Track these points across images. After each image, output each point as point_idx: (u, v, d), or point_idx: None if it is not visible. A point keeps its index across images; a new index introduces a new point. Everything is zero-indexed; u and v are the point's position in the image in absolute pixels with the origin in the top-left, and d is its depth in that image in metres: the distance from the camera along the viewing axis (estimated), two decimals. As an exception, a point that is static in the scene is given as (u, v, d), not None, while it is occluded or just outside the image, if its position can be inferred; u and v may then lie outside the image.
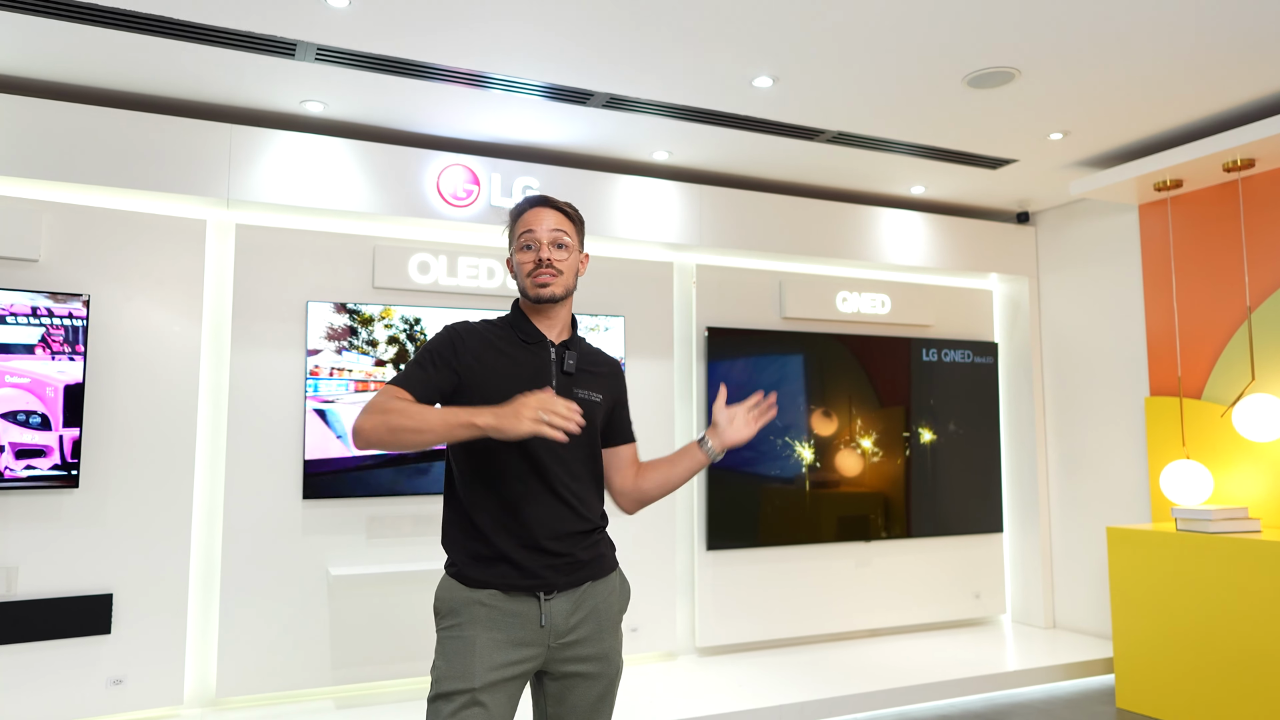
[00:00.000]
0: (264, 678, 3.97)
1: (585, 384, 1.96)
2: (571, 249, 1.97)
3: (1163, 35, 3.37)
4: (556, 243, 1.94)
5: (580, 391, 1.94)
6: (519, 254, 1.96)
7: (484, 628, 1.80)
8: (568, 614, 1.86)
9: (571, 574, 1.88)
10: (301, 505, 4.09)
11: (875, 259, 5.33)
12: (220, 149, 3.94)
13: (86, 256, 3.81)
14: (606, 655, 1.91)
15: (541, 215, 1.96)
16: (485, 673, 1.77)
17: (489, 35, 3.34)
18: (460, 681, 1.76)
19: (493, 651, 1.79)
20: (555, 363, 1.94)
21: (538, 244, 1.93)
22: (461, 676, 1.76)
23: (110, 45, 3.39)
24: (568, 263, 1.96)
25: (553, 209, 1.98)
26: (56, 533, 3.67)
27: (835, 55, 3.52)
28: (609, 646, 1.92)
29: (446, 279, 4.43)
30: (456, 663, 1.78)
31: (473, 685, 1.76)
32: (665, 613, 4.76)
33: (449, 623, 1.84)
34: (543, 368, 1.93)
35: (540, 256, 1.92)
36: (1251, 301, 4.39)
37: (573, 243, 1.98)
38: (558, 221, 1.96)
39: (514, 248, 1.99)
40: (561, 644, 1.85)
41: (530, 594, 1.83)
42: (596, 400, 1.97)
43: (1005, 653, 4.98)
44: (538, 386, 1.84)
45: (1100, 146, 4.60)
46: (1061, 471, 5.57)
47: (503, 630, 1.81)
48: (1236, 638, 3.83)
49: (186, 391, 3.94)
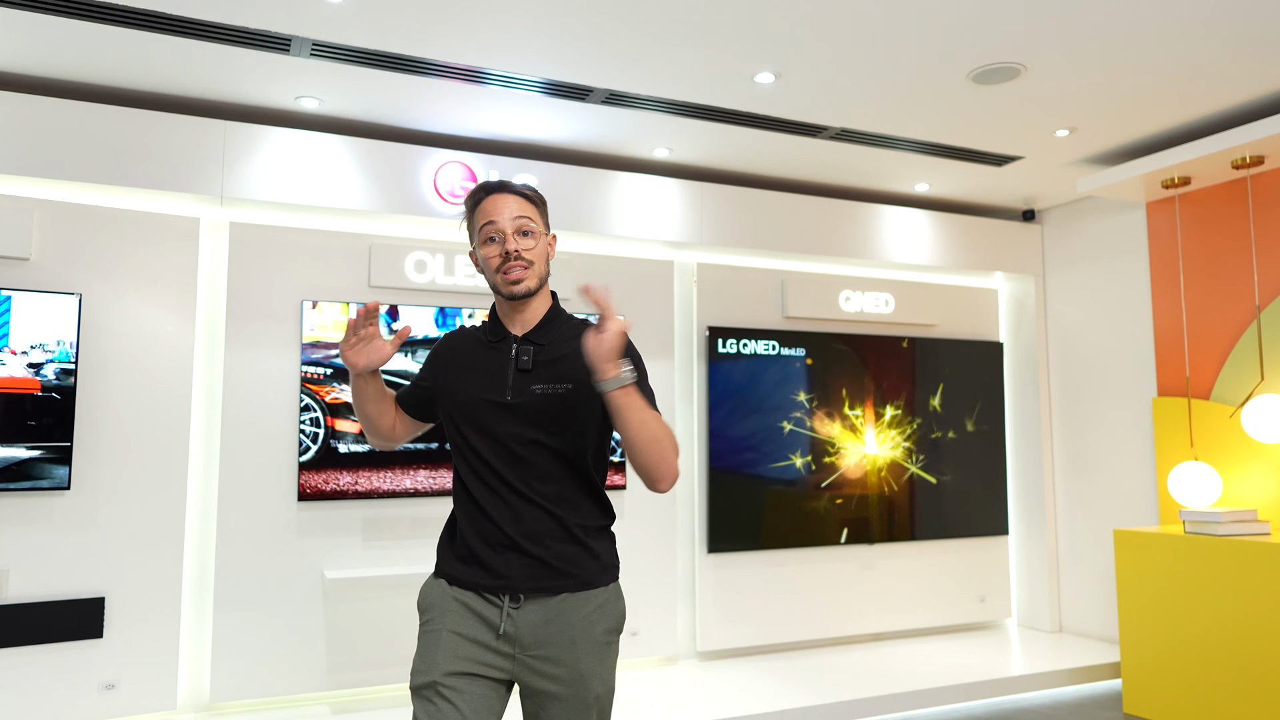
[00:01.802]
0: (258, 683, 3.95)
1: (547, 377, 1.84)
2: (538, 234, 1.88)
3: (1171, 30, 3.36)
4: (521, 230, 1.85)
5: (539, 386, 1.82)
6: (483, 247, 1.87)
7: (452, 622, 1.80)
8: (536, 626, 1.78)
9: (544, 580, 1.79)
10: (296, 507, 4.07)
11: (879, 257, 5.32)
12: (214, 146, 3.92)
13: (78, 255, 3.80)
14: (581, 677, 1.78)
15: (501, 203, 1.86)
16: (447, 663, 1.76)
17: (486, 30, 3.33)
18: (425, 675, 1.77)
19: (458, 644, 1.78)
20: (512, 360, 1.86)
21: (502, 235, 1.84)
22: (426, 670, 1.77)
23: (102, 40, 3.37)
24: (536, 250, 1.87)
25: (511, 194, 1.87)
26: (48, 535, 3.66)
27: (838, 51, 3.51)
28: (586, 669, 1.79)
29: (444, 278, 4.42)
30: (425, 656, 1.80)
31: (433, 677, 1.75)
32: (666, 616, 4.75)
33: (426, 617, 1.86)
34: (500, 367, 1.87)
35: (507, 249, 1.83)
36: (1261, 300, 4.39)
37: (538, 227, 1.88)
38: (519, 207, 1.86)
39: (476, 241, 1.90)
40: (529, 656, 1.79)
41: (497, 595, 1.80)
42: (562, 391, 1.82)
43: (1010, 657, 4.99)
44: (494, 387, 1.84)
45: (1107, 143, 4.60)
46: (1068, 473, 5.56)
47: (469, 628, 1.80)
48: (1246, 642, 3.82)
49: (180, 392, 3.93)
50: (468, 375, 1.88)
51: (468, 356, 1.91)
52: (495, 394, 1.83)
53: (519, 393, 1.82)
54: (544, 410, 1.81)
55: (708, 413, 4.88)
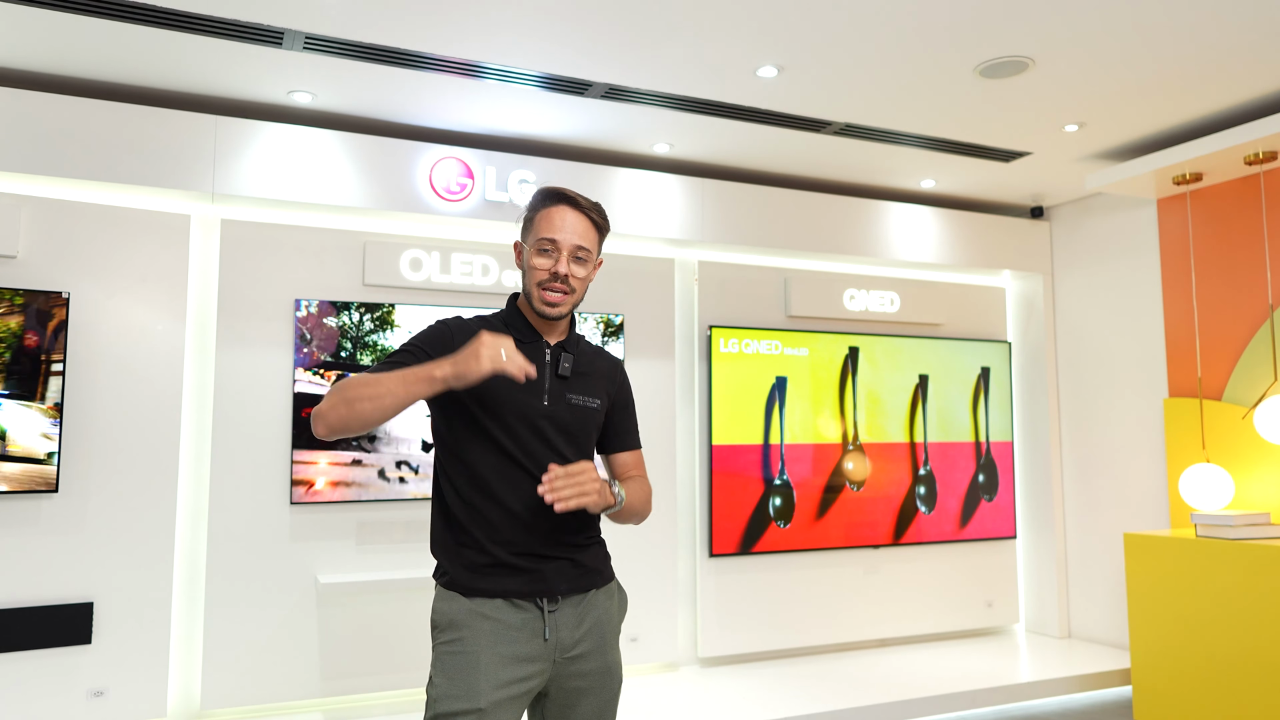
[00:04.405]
0: (250, 689, 3.97)
1: (580, 389, 1.90)
2: (589, 261, 1.90)
3: (1182, 23, 3.36)
4: (576, 256, 1.86)
5: (574, 397, 1.89)
6: (535, 256, 1.86)
7: (488, 642, 1.74)
8: (573, 626, 1.82)
9: (575, 580, 1.84)
10: (289, 510, 4.07)
11: (884, 255, 5.33)
12: (205, 141, 3.93)
13: (66, 252, 3.80)
14: (609, 669, 1.87)
15: (568, 220, 1.85)
16: (491, 691, 1.70)
17: (483, 23, 3.34)
18: (464, 701, 1.69)
19: (499, 668, 1.73)
20: (550, 364, 1.88)
21: (557, 254, 1.84)
22: (466, 695, 1.69)
23: (91, 34, 3.38)
24: (583, 278, 1.89)
25: (582, 215, 1.87)
26: (34, 538, 3.67)
27: (842, 44, 3.53)
28: (612, 660, 1.89)
29: (440, 276, 4.42)
30: (460, 680, 1.71)
31: (478, 705, 1.68)
32: (666, 622, 4.76)
33: (449, 636, 1.77)
34: (537, 369, 1.85)
35: (557, 270, 1.84)
36: (1274, 299, 4.40)
37: (592, 254, 1.89)
38: (583, 231, 1.87)
39: (530, 243, 1.89)
40: (567, 659, 1.81)
41: (533, 601, 1.78)
42: (593, 406, 1.92)
43: (1018, 663, 5.01)
44: (531, 389, 1.82)
45: (1117, 139, 4.62)
46: (1077, 475, 5.59)
47: (508, 645, 1.75)
48: (1259, 649, 3.83)
49: (170, 392, 3.93)
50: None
51: None
52: (534, 395, 1.83)
53: (555, 399, 1.86)
54: (573, 419, 1.87)
55: (709, 414, 4.88)
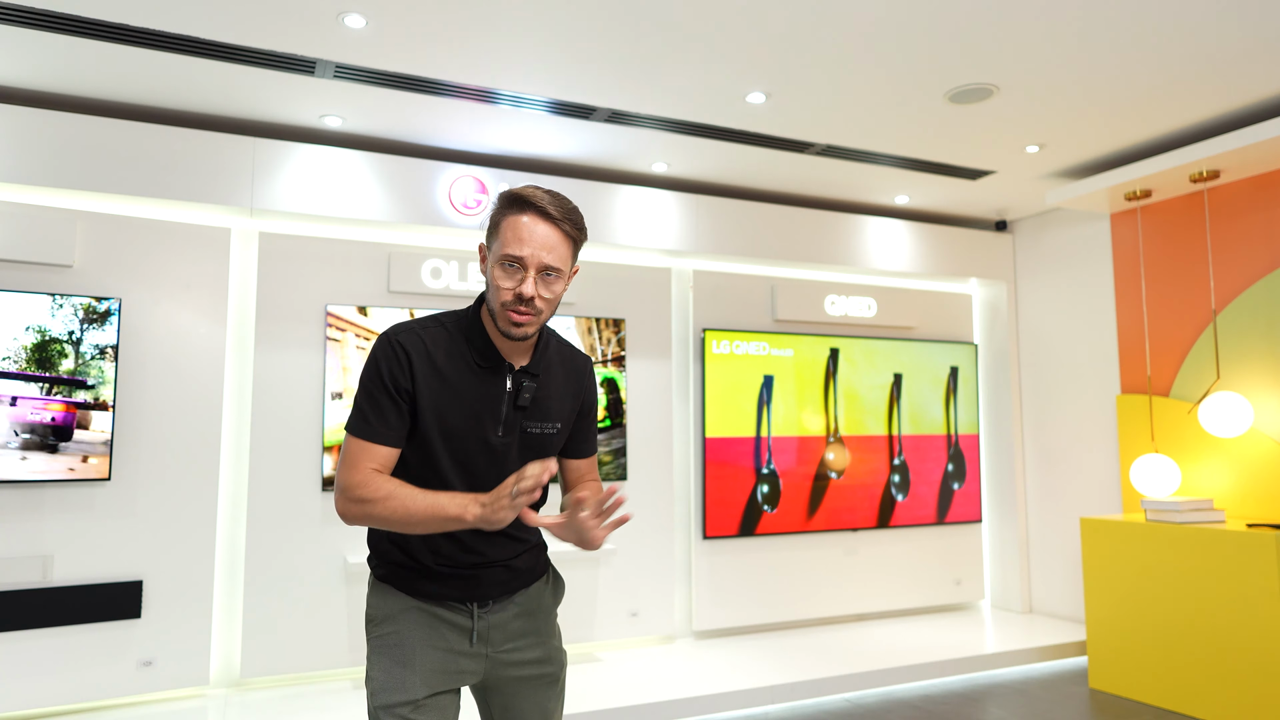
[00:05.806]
0: (285, 659, 4.06)
1: (540, 415, 1.70)
2: (561, 277, 1.60)
3: (1132, 53, 3.43)
4: (545, 275, 1.58)
5: (532, 426, 1.69)
6: (498, 270, 1.58)
7: (422, 635, 1.67)
8: (506, 621, 1.73)
9: (507, 583, 1.73)
10: (321, 497, 4.17)
11: (862, 264, 5.39)
12: (244, 161, 4.02)
13: (118, 262, 3.89)
14: (549, 655, 1.79)
15: (537, 233, 1.56)
16: (426, 681, 1.64)
17: (497, 54, 3.39)
18: (401, 693, 1.62)
19: (433, 660, 1.66)
20: (510, 395, 1.66)
21: (523, 274, 1.56)
22: (401, 688, 1.62)
23: (141, 63, 3.45)
24: (553, 296, 1.60)
25: (553, 225, 1.57)
26: (90, 523, 3.76)
27: (824, 72, 3.56)
28: (551, 645, 1.80)
29: (458, 283, 4.52)
30: (395, 673, 1.64)
31: (414, 696, 1.62)
32: (664, 599, 4.84)
33: (384, 630, 1.68)
34: (494, 400, 1.65)
35: (522, 292, 1.56)
36: (1217, 304, 4.46)
37: (564, 269, 1.60)
38: (554, 245, 1.57)
39: (494, 253, 1.60)
40: (501, 653, 1.73)
41: (463, 604, 1.70)
42: (551, 432, 1.72)
43: (984, 636, 5.05)
44: (488, 421, 1.64)
45: (1074, 158, 4.67)
46: (1037, 465, 5.63)
47: (441, 638, 1.68)
48: (1202, 621, 3.87)
49: (212, 389, 4.03)
50: (458, 401, 1.63)
51: (455, 376, 1.63)
52: (489, 430, 1.65)
53: (510, 429, 1.66)
54: (528, 448, 1.69)
55: (702, 409, 4.98)
